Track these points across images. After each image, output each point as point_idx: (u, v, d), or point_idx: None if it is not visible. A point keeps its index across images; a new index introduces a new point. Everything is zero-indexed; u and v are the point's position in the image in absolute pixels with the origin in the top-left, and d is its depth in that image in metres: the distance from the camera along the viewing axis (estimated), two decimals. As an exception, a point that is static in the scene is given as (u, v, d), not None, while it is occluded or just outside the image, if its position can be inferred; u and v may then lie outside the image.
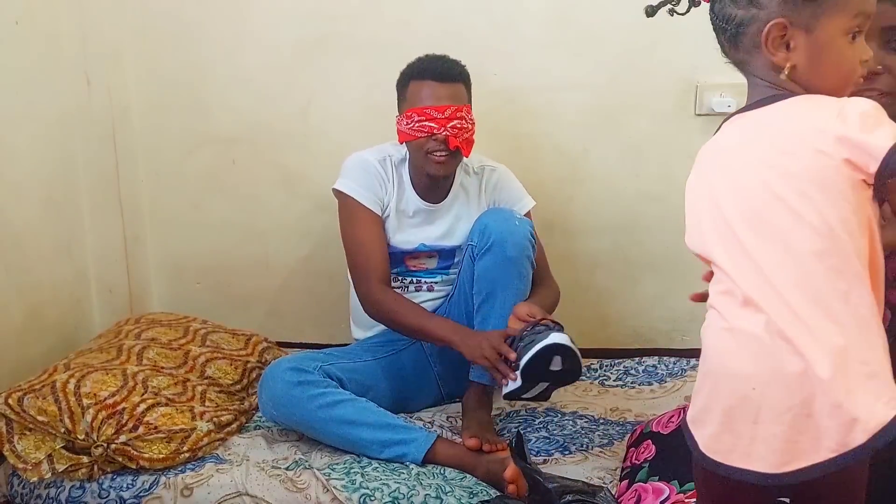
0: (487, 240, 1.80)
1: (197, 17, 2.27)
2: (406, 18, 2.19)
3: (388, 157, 1.96)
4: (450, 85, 1.83)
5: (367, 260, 1.89)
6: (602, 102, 2.23)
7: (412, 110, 1.82)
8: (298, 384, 1.73)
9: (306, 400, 1.72)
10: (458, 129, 1.81)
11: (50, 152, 2.16)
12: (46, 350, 2.08)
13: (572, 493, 1.34)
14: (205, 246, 2.43)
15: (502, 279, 1.81)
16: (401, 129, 1.86)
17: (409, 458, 1.69)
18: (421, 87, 1.83)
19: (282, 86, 2.29)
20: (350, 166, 1.95)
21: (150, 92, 2.32)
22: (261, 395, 1.80)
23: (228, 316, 2.34)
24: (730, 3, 1.11)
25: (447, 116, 1.80)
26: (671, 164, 2.21)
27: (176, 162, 2.37)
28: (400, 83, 1.90)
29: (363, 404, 1.74)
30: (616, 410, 1.98)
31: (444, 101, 1.81)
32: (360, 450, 1.72)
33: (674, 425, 1.63)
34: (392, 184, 1.94)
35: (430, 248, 1.98)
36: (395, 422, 1.73)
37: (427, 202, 1.96)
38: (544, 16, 2.19)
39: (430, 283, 2.01)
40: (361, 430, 1.71)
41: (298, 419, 1.75)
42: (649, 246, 2.29)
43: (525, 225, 1.84)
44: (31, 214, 2.09)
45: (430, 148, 1.83)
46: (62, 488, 1.66)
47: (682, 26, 2.24)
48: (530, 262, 1.84)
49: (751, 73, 1.10)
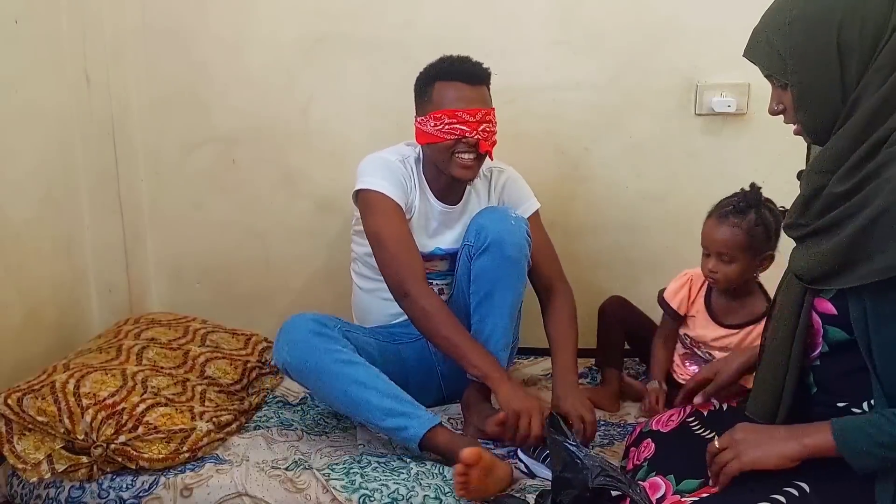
0: (484, 240, 1.79)
1: (197, 17, 2.27)
2: (407, 18, 2.19)
3: (405, 158, 1.91)
4: (478, 87, 1.81)
5: (405, 254, 1.81)
6: (603, 102, 2.23)
7: (441, 112, 1.77)
8: (319, 334, 1.72)
9: (323, 351, 1.70)
10: (488, 133, 1.79)
11: (50, 152, 2.16)
12: (45, 350, 2.07)
13: (608, 476, 1.31)
14: (205, 246, 2.43)
15: (501, 279, 1.79)
16: (425, 130, 1.81)
17: (410, 433, 1.66)
18: (448, 88, 1.79)
19: (282, 85, 2.29)
20: (371, 166, 1.88)
21: (150, 92, 2.32)
22: (278, 340, 1.76)
23: (228, 316, 2.34)
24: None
25: (478, 120, 1.77)
26: (672, 163, 2.21)
27: (176, 162, 2.37)
28: (422, 83, 1.85)
29: (376, 371, 1.72)
30: (617, 413, 1.98)
31: (475, 104, 1.78)
32: (363, 413, 1.70)
33: (674, 423, 1.63)
34: (413, 182, 1.91)
35: (445, 251, 1.97)
36: (404, 396, 1.71)
37: (444, 204, 1.95)
38: (546, 15, 2.19)
39: (441, 287, 1.99)
40: (370, 392, 1.68)
41: (312, 366, 1.71)
42: (650, 245, 2.28)
43: (521, 223, 1.83)
44: (30, 214, 2.08)
45: (458, 150, 1.79)
46: (62, 488, 1.66)
47: (683, 27, 2.26)
48: (527, 261, 1.83)
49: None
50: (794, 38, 1.19)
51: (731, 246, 1.75)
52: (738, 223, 1.73)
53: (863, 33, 1.14)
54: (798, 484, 1.20)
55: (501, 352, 1.81)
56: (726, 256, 1.76)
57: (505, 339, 1.83)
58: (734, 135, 2.18)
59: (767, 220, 1.74)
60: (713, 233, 1.77)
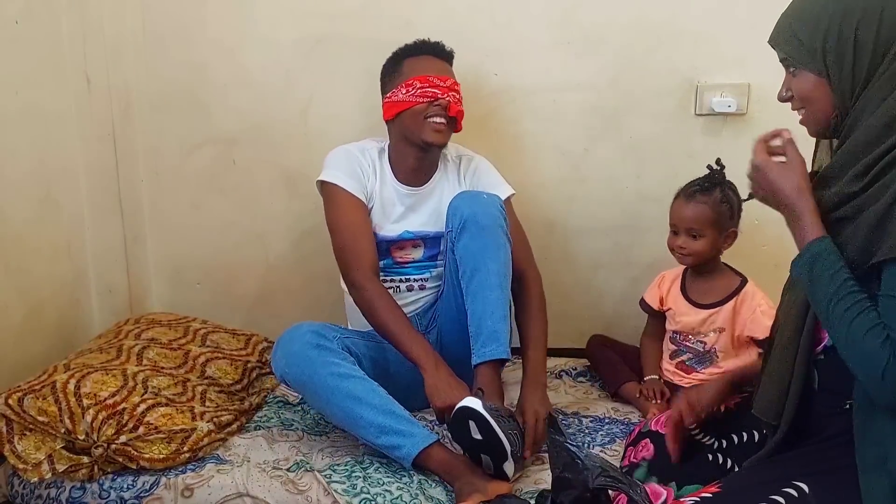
0: (460, 220, 1.80)
1: (197, 17, 2.27)
2: (407, 18, 2.19)
3: (366, 149, 2.01)
4: (445, 61, 1.96)
5: (354, 243, 1.89)
6: (603, 103, 2.23)
7: (413, 79, 1.88)
8: (317, 347, 1.71)
9: (321, 364, 1.70)
10: (456, 98, 1.90)
11: (50, 152, 2.16)
12: (46, 350, 2.07)
13: (608, 476, 1.32)
14: (205, 246, 2.43)
15: (482, 251, 1.79)
16: (396, 99, 1.90)
17: (403, 452, 1.65)
18: (419, 60, 1.92)
19: (282, 86, 2.29)
20: (331, 158, 1.99)
21: (149, 92, 2.32)
22: (276, 351, 1.77)
23: (228, 316, 2.34)
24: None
25: (447, 86, 1.90)
26: (672, 164, 2.21)
27: (176, 162, 2.37)
28: (391, 63, 1.97)
29: (373, 386, 1.71)
30: (619, 411, 1.98)
31: (444, 73, 1.92)
32: (358, 429, 1.69)
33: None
34: (373, 170, 1.98)
35: (415, 234, 1.99)
36: (400, 412, 1.70)
37: (409, 187, 1.98)
38: (545, 16, 2.19)
39: (422, 282, 2.00)
40: (364, 408, 1.67)
41: (307, 380, 1.71)
42: (650, 246, 2.28)
43: (493, 198, 1.86)
44: (30, 214, 2.08)
45: (430, 113, 1.88)
46: (62, 489, 1.66)
47: (683, 27, 2.26)
48: (504, 233, 1.82)
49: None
50: (818, 27, 1.23)
51: (700, 221, 1.89)
52: (706, 200, 1.88)
53: (879, 34, 1.19)
54: (797, 485, 1.21)
55: (500, 322, 1.78)
56: (695, 232, 1.90)
57: (501, 310, 1.79)
58: (734, 135, 2.18)
59: (731, 198, 1.88)
60: (683, 210, 1.91)
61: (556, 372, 2.20)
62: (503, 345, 1.76)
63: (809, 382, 1.30)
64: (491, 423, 1.57)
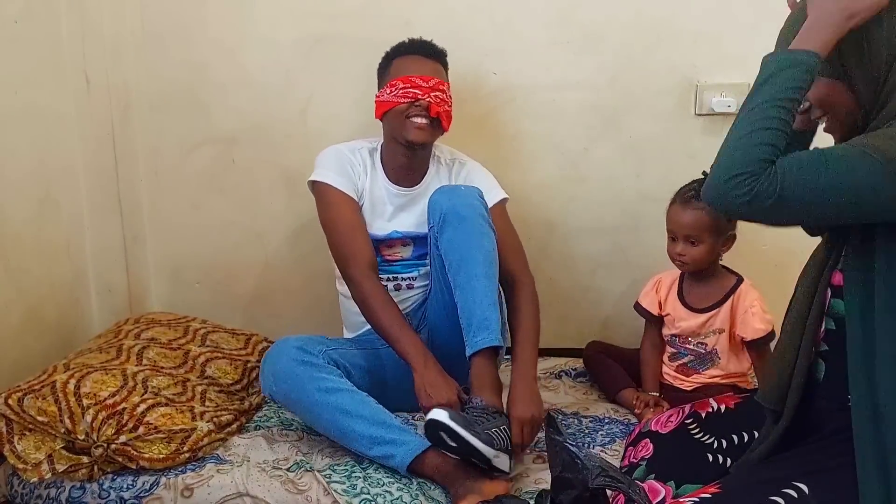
0: (440, 214, 1.80)
1: (197, 17, 2.27)
2: (406, 18, 2.19)
3: (357, 148, 2.01)
4: (433, 61, 1.94)
5: (350, 240, 1.89)
6: (602, 102, 2.23)
7: (397, 79, 1.89)
8: (303, 363, 1.71)
9: (307, 380, 1.70)
10: (439, 99, 1.88)
11: (50, 152, 2.16)
12: (45, 350, 2.07)
13: (608, 476, 1.32)
14: (204, 246, 2.43)
15: (466, 242, 1.77)
16: (382, 99, 1.91)
17: (396, 461, 1.65)
18: (405, 60, 1.92)
19: (281, 86, 2.29)
20: (321, 158, 2.00)
21: (149, 92, 2.32)
22: (263, 368, 1.78)
23: (228, 315, 2.34)
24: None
25: (430, 86, 1.88)
26: (672, 164, 2.21)
27: (176, 162, 2.37)
28: (383, 64, 1.98)
29: (361, 397, 1.72)
30: (619, 411, 1.98)
31: (428, 73, 1.90)
32: (349, 441, 1.70)
33: (672, 425, 1.63)
34: (364, 168, 1.98)
35: (404, 234, 1.99)
36: (391, 421, 1.70)
37: (400, 187, 1.98)
38: (545, 15, 2.19)
39: (410, 281, 2.00)
40: (355, 421, 1.68)
41: (296, 398, 1.72)
42: (650, 246, 2.28)
43: (472, 189, 1.85)
44: (30, 214, 2.08)
45: (411, 113, 1.88)
46: (62, 489, 1.66)
47: (683, 27, 2.26)
48: (486, 221, 1.80)
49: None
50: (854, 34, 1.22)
51: (697, 228, 1.86)
52: (702, 206, 1.80)
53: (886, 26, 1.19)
54: (797, 485, 1.21)
55: (489, 309, 1.74)
56: (693, 238, 1.88)
57: (489, 298, 1.76)
58: (734, 135, 2.18)
59: None
60: (679, 217, 1.89)
61: (556, 372, 2.21)
62: (494, 332, 1.73)
63: (814, 373, 1.31)
64: (460, 433, 1.56)
